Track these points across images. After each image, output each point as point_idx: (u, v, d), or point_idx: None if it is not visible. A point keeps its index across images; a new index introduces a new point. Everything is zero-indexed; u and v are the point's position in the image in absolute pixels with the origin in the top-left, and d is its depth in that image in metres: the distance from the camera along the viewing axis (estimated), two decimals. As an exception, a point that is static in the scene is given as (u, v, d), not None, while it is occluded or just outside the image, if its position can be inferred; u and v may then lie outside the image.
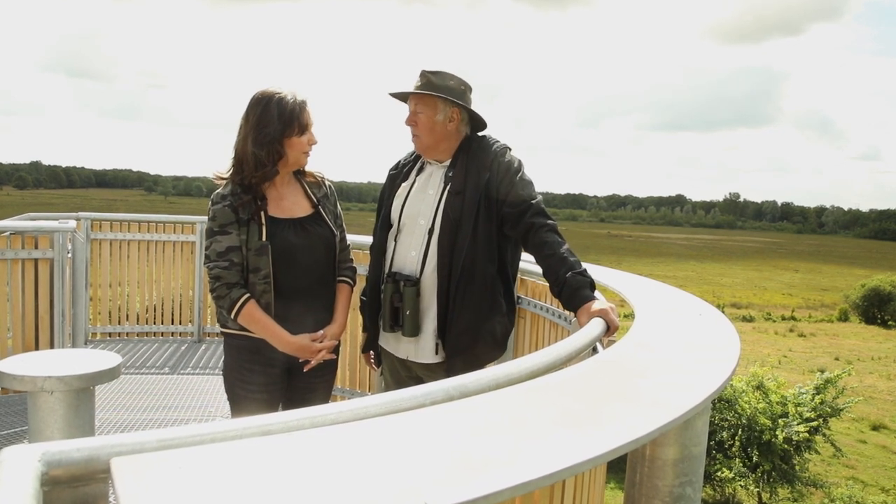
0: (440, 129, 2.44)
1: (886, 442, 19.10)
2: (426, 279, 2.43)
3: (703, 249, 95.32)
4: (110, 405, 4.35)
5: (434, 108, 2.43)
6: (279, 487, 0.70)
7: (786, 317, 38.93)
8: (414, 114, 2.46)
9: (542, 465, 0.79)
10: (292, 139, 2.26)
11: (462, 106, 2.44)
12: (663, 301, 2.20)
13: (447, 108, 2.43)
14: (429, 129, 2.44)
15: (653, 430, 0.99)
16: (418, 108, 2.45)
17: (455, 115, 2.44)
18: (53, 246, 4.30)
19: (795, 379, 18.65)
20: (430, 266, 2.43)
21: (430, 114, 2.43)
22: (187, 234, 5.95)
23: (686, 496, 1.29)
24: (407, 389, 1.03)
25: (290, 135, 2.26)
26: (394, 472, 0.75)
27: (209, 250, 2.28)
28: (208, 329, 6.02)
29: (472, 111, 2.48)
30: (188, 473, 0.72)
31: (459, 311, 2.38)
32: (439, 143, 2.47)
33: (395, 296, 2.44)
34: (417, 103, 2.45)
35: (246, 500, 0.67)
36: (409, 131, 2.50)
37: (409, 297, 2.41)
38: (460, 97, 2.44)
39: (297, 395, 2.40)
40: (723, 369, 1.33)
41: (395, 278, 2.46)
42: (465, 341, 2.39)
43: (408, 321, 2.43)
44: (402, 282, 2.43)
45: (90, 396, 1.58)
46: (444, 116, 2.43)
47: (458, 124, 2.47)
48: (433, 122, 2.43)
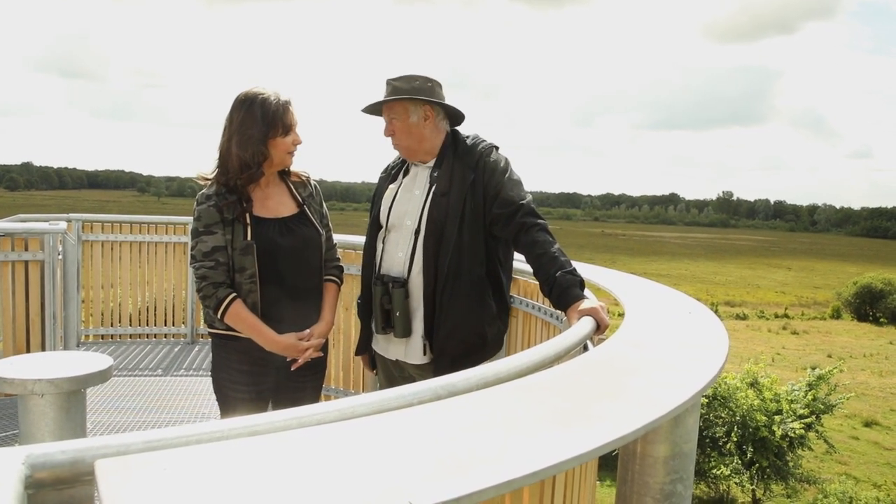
0: (416, 131, 2.45)
1: (878, 438, 19.19)
2: (413, 280, 2.44)
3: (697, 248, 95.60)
4: (102, 408, 4.33)
5: (405, 112, 2.44)
6: (265, 488, 0.70)
7: (779, 314, 39.09)
8: (389, 123, 2.47)
9: (528, 462, 0.79)
10: (276, 140, 2.26)
11: (432, 102, 2.44)
12: (654, 299, 2.21)
13: (418, 109, 2.43)
14: (406, 133, 2.45)
15: (640, 427, 0.99)
16: (391, 116, 2.46)
17: (429, 113, 2.44)
18: (44, 248, 4.27)
19: (788, 376, 18.72)
20: (416, 267, 2.44)
21: (403, 118, 2.44)
22: (179, 235, 5.92)
23: (677, 493, 1.29)
24: (394, 389, 1.03)
25: (274, 136, 2.25)
26: (379, 472, 0.75)
27: (195, 250, 2.28)
28: (201, 330, 5.99)
29: (445, 105, 2.48)
30: (174, 475, 0.71)
31: (446, 313, 2.39)
32: (420, 144, 2.48)
33: (384, 298, 2.44)
34: (389, 112, 2.46)
35: (232, 501, 0.67)
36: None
37: (398, 298, 2.42)
38: (429, 94, 2.44)
39: (286, 394, 2.39)
40: (711, 367, 1.34)
41: (384, 280, 2.46)
42: (452, 343, 2.39)
43: (398, 322, 2.43)
44: (390, 283, 2.44)
45: (81, 399, 1.57)
46: (418, 117, 2.44)
47: (435, 121, 2.47)
48: (408, 126, 2.44)
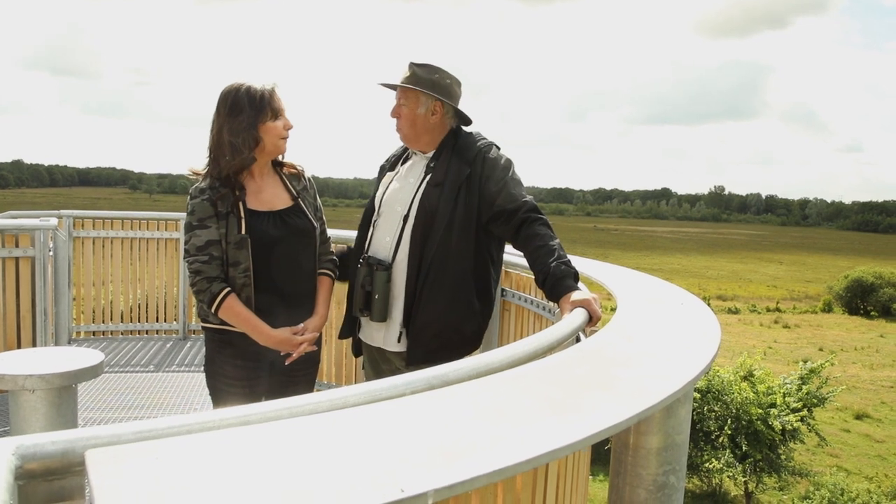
0: (421, 122, 2.46)
1: (869, 430, 19.34)
2: (398, 265, 2.44)
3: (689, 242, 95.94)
4: (94, 404, 4.31)
5: (416, 102, 2.45)
6: (256, 476, 0.70)
7: (770, 308, 39.30)
8: (398, 105, 2.48)
9: (519, 451, 0.79)
10: (267, 124, 2.25)
11: (444, 101, 2.44)
12: (646, 291, 2.21)
13: (429, 102, 2.44)
14: (410, 121, 2.46)
15: (632, 416, 0.99)
16: (402, 99, 2.47)
17: (438, 109, 2.45)
18: (35, 244, 4.25)
19: (780, 370, 18.84)
20: (402, 253, 2.44)
21: (412, 106, 2.45)
22: (171, 231, 5.90)
23: (670, 484, 1.29)
24: (387, 379, 1.03)
25: (265, 120, 2.25)
26: (371, 461, 0.75)
27: (188, 244, 2.26)
28: (193, 326, 5.97)
29: (456, 108, 2.49)
30: (165, 464, 0.71)
31: (425, 303, 2.38)
32: (421, 136, 2.49)
33: (366, 279, 2.44)
34: (402, 95, 2.47)
35: (223, 489, 0.67)
36: (394, 123, 2.52)
37: (380, 281, 2.41)
38: (444, 91, 2.44)
39: (279, 388, 2.38)
40: (702, 357, 1.34)
41: (369, 262, 2.46)
42: (427, 335, 2.39)
43: (376, 305, 2.43)
44: (374, 265, 2.44)
45: (72, 395, 1.56)
46: (426, 110, 2.44)
47: (442, 117, 2.47)
48: (414, 115, 2.45)
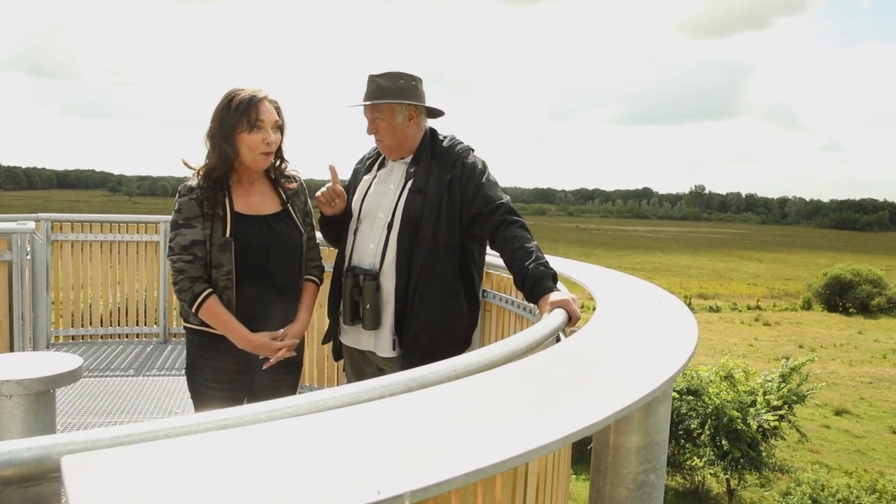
0: (401, 130, 2.46)
1: (849, 426, 19.58)
2: (385, 273, 2.44)
3: (670, 241, 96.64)
4: (73, 409, 4.27)
5: (391, 113, 2.44)
6: (234, 480, 0.70)
7: (751, 306, 39.66)
8: (373, 122, 2.46)
9: (496, 451, 0.80)
10: (242, 136, 2.21)
11: (417, 105, 2.45)
12: (625, 291, 2.23)
13: (403, 109, 2.44)
14: (391, 132, 2.45)
15: (611, 415, 1.00)
16: (376, 115, 2.45)
17: (413, 113, 2.46)
18: (11, 248, 4.19)
19: (761, 367, 19.02)
20: (388, 260, 2.44)
21: (388, 119, 2.44)
22: (151, 234, 5.85)
23: (650, 483, 1.30)
24: (365, 381, 1.03)
25: (240, 130, 2.20)
26: (348, 463, 0.75)
27: (173, 242, 2.25)
28: (174, 330, 5.92)
29: (428, 106, 2.50)
30: (142, 469, 0.71)
31: (417, 309, 2.39)
32: (403, 144, 2.49)
33: (354, 290, 2.44)
34: (374, 111, 2.45)
35: (201, 494, 0.67)
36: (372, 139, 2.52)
37: (370, 291, 2.41)
38: (413, 95, 2.45)
39: (261, 392, 2.37)
40: (680, 355, 1.36)
41: (355, 272, 2.46)
42: (422, 339, 2.40)
43: (368, 315, 2.43)
44: (361, 276, 2.43)
45: (50, 400, 1.54)
46: (403, 117, 2.45)
47: (418, 120, 2.49)
48: (394, 126, 2.45)
